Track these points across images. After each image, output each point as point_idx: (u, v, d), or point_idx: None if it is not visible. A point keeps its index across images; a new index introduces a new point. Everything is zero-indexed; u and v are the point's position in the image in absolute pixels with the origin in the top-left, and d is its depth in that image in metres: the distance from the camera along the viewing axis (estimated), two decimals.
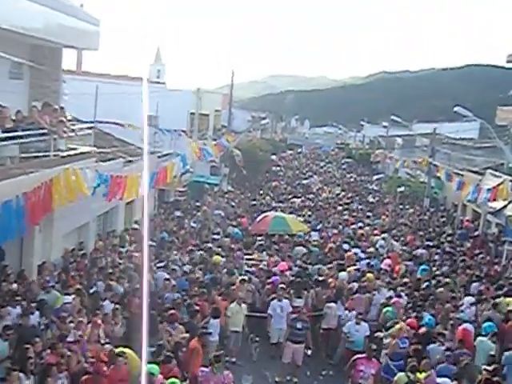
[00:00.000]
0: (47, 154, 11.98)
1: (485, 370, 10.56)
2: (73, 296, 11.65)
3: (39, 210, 10.50)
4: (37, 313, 10.45)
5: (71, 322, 10.50)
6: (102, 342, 10.44)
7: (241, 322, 13.52)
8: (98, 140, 19.75)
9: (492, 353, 11.69)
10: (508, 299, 14.67)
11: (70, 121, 15.62)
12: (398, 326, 12.50)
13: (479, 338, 12.23)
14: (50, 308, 10.89)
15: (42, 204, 10.97)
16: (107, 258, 15.67)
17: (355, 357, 10.98)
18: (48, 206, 11.10)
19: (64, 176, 11.34)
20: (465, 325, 12.75)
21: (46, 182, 10.84)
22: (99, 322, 10.69)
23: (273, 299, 14.04)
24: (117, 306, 12.08)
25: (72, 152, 13.18)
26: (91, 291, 12.74)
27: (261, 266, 17.16)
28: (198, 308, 12.61)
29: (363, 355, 10.95)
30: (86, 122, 17.22)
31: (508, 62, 30.39)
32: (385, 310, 14.08)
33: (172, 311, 11.84)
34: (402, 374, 10.47)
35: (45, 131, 12.18)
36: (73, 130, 13.86)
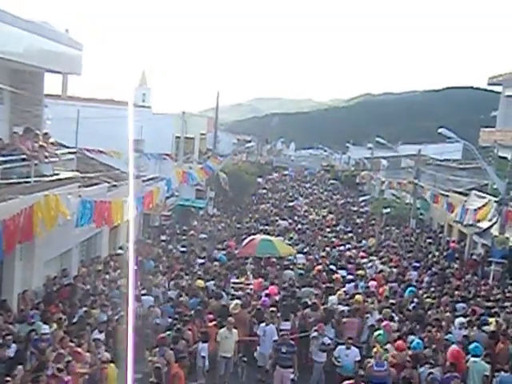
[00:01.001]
0: (28, 179, 11.73)
1: None
2: (54, 326, 11.32)
3: (16, 238, 10.21)
4: (14, 345, 10.10)
5: (53, 351, 10.20)
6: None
7: (232, 348, 13.30)
8: (81, 165, 19.54)
9: (486, 373, 11.66)
10: (491, 319, 14.71)
11: (52, 145, 15.42)
12: (375, 350, 12.37)
13: (472, 359, 12.15)
14: (27, 340, 10.54)
15: (21, 231, 10.71)
16: (90, 284, 15.36)
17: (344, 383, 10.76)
18: (29, 234, 10.83)
19: (45, 202, 11.09)
20: (454, 346, 12.66)
21: (26, 209, 10.59)
22: (81, 351, 10.36)
23: (262, 322, 13.89)
24: (100, 335, 11.84)
25: (54, 177, 12.92)
26: (74, 320, 12.41)
27: (247, 291, 16.90)
28: (184, 333, 12.49)
29: (351, 382, 10.72)
30: (69, 147, 17.00)
31: (489, 84, 30.78)
32: (376, 333, 14.00)
33: (162, 335, 11.84)
34: None
35: (25, 157, 11.95)
36: (56, 155, 13.64)
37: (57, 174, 13.56)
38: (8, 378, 8.68)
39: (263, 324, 13.75)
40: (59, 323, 11.45)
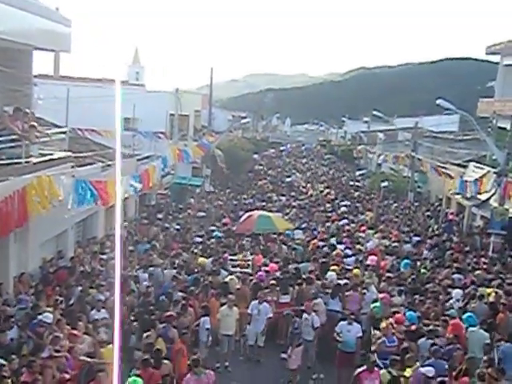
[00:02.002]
0: (19, 161, 11.45)
1: (485, 361, 10.41)
2: (50, 309, 11.17)
3: (10, 221, 9.98)
4: (15, 329, 9.96)
5: (50, 334, 10.06)
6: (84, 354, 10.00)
7: (233, 326, 13.26)
8: (75, 145, 19.22)
9: (487, 342, 11.69)
10: (489, 290, 14.77)
11: (44, 125, 15.12)
12: (383, 324, 12.31)
13: (470, 329, 12.22)
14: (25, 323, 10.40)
15: (15, 214, 10.48)
16: (87, 265, 15.19)
17: (357, 372, 10.62)
18: (22, 216, 10.59)
19: (38, 183, 10.83)
20: (455, 320, 12.66)
21: (19, 191, 10.34)
22: (77, 333, 10.21)
23: (255, 299, 13.82)
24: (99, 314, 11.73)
25: (46, 158, 12.64)
26: (71, 302, 12.26)
27: (246, 270, 16.78)
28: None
29: (364, 368, 10.59)
30: (61, 127, 16.67)
31: (487, 53, 30.34)
32: (372, 305, 14.09)
33: (169, 313, 11.90)
34: (384, 371, 10.43)
35: (16, 137, 11.65)
36: (47, 135, 13.34)
37: (49, 155, 13.26)
38: (4, 363, 8.51)
39: (255, 302, 13.64)
40: (56, 305, 11.28)
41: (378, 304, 14.01)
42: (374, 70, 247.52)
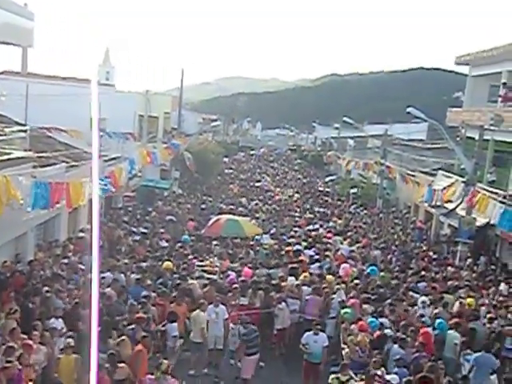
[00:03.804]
0: None
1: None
2: (7, 316, 10.62)
3: None
4: None
5: (3, 344, 9.54)
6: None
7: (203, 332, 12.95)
8: (38, 144, 18.57)
9: (456, 342, 12.43)
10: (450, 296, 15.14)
11: (6, 123, 14.53)
12: (359, 338, 12.17)
13: (449, 332, 12.76)
14: None
15: None
16: (48, 269, 14.61)
17: None
18: None
19: None
20: (426, 328, 12.83)
21: None
22: (31, 343, 9.70)
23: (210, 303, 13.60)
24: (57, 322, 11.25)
25: (4, 157, 12.07)
26: (28, 309, 11.69)
27: (212, 276, 16.48)
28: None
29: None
30: (23, 125, 16.06)
31: (457, 64, 30.65)
32: (343, 311, 14.08)
33: (139, 314, 11.76)
34: (332, 376, 10.57)
35: None
36: (4, 134, 12.77)
37: (8, 154, 12.68)
38: None
39: (211, 306, 13.36)
40: (10, 313, 10.72)
41: (349, 310, 13.99)
42: (345, 77, 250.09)
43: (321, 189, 45.58)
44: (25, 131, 14.68)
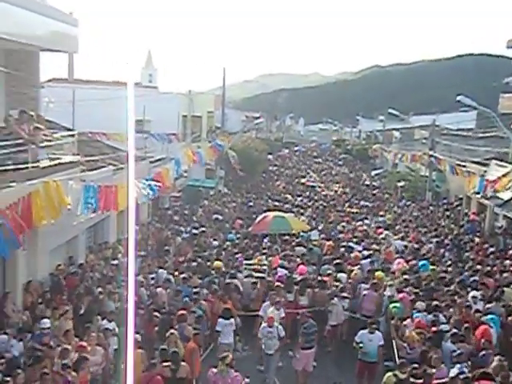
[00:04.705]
0: (25, 166, 11.06)
1: None
2: (60, 319, 10.77)
3: (17, 229, 9.57)
4: (17, 342, 9.56)
5: (58, 345, 9.66)
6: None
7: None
8: (86, 148, 18.86)
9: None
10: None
11: (55, 129, 14.77)
12: (407, 333, 11.84)
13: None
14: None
15: (20, 222, 10.06)
16: (99, 271, 14.80)
17: None
18: (28, 224, 10.16)
19: (44, 190, 10.40)
20: (485, 325, 12.26)
21: (24, 198, 9.93)
22: (86, 345, 9.77)
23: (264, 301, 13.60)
24: (109, 324, 11.34)
25: (54, 162, 12.24)
26: (81, 311, 11.85)
27: (260, 274, 16.41)
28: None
29: None
30: (70, 130, 16.32)
31: (508, 47, 29.40)
32: (392, 305, 13.82)
33: (182, 312, 11.87)
34: (389, 373, 10.18)
35: (21, 141, 11.27)
36: (54, 139, 12.96)
37: (57, 159, 12.87)
38: (8, 379, 8.09)
39: (267, 303, 13.32)
40: (65, 315, 10.87)
41: (397, 305, 13.73)
42: (387, 68, 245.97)
43: (367, 183, 44.84)
44: (73, 136, 14.90)
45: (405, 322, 12.72)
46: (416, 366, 10.27)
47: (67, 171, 12.69)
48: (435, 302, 13.59)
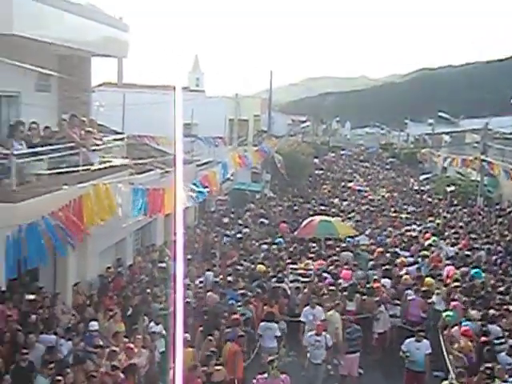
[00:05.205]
0: (76, 169, 11.31)
1: None
2: (110, 320, 10.94)
3: (69, 232, 9.79)
4: (65, 342, 9.74)
5: (107, 347, 9.80)
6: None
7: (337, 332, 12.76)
8: (134, 151, 19.15)
9: None
10: None
11: (105, 133, 15.07)
12: (462, 343, 11.45)
13: None
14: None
15: (74, 223, 10.28)
16: (146, 274, 14.99)
17: None
18: (80, 226, 10.36)
19: (94, 193, 10.60)
20: None
21: (75, 200, 10.14)
22: (133, 347, 9.87)
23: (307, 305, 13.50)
24: (157, 327, 11.44)
25: (103, 165, 12.48)
26: (128, 313, 11.99)
27: (306, 279, 16.28)
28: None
29: None
30: (119, 134, 16.63)
31: None
32: (445, 314, 13.51)
33: (235, 316, 11.88)
34: (445, 382, 10.04)
35: (73, 145, 11.53)
36: (104, 142, 13.22)
37: (107, 162, 13.11)
38: (59, 378, 8.24)
39: (307, 307, 13.25)
40: (114, 317, 11.02)
41: (451, 313, 13.40)
42: (437, 71, 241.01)
43: (415, 188, 44.00)
44: (122, 139, 15.16)
45: (452, 330, 12.39)
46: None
47: (116, 174, 12.90)
48: (491, 311, 13.18)
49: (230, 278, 15.23)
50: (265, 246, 20.36)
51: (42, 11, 11.00)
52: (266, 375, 9.78)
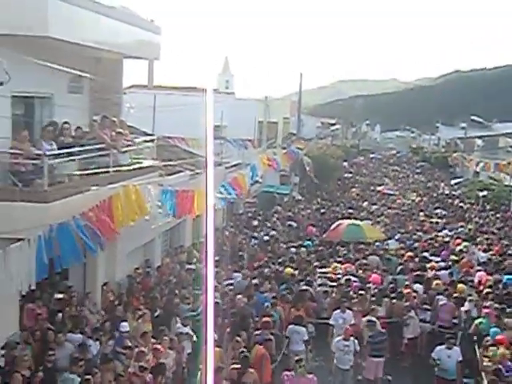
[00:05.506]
0: (107, 169, 11.41)
1: None
2: (138, 321, 10.99)
3: (100, 230, 9.88)
4: (93, 342, 9.82)
5: (136, 346, 9.85)
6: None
7: None
8: (164, 152, 19.25)
9: None
10: None
11: (135, 134, 15.18)
12: (500, 351, 11.17)
13: None
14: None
15: (104, 223, 10.36)
16: (174, 275, 15.05)
17: None
18: (109, 226, 10.44)
19: (124, 194, 10.67)
20: None
21: (105, 201, 10.22)
22: (161, 348, 9.90)
23: (336, 309, 13.41)
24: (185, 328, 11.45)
25: (133, 167, 12.57)
26: (156, 313, 12.04)
27: (334, 283, 16.13)
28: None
29: None
30: (149, 135, 16.74)
31: None
32: (478, 321, 13.29)
33: (266, 319, 11.80)
34: None
35: (103, 146, 11.65)
36: (134, 144, 13.33)
37: (137, 163, 13.21)
38: (88, 377, 8.31)
39: (337, 311, 13.18)
40: (142, 317, 11.08)
41: (483, 320, 13.17)
42: (469, 74, 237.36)
43: (446, 192, 43.37)
44: (152, 141, 15.26)
45: (488, 338, 12.13)
46: None
47: (146, 175, 12.98)
48: None
49: (257, 281, 15.18)
50: (293, 249, 20.27)
51: (76, 14, 11.14)
52: (293, 372, 9.86)
